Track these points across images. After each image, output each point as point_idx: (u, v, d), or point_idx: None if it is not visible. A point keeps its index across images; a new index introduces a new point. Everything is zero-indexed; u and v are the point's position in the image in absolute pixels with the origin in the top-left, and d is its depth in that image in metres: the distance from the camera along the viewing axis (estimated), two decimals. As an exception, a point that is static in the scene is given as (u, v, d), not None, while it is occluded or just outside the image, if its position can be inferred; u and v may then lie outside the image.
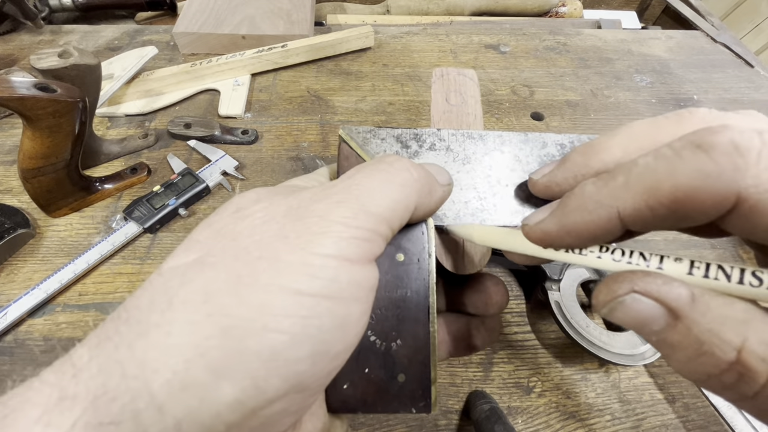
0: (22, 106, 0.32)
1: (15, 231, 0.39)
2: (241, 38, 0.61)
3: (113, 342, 0.10)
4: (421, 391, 0.15)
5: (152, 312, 0.10)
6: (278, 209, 0.12)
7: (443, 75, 0.24)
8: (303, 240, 0.11)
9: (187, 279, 0.11)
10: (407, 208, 0.14)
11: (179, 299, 0.11)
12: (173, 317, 0.10)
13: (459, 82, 0.23)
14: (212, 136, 0.50)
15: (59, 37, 0.64)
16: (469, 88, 0.23)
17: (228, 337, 0.10)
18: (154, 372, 0.10)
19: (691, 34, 0.73)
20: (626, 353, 0.32)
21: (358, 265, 0.12)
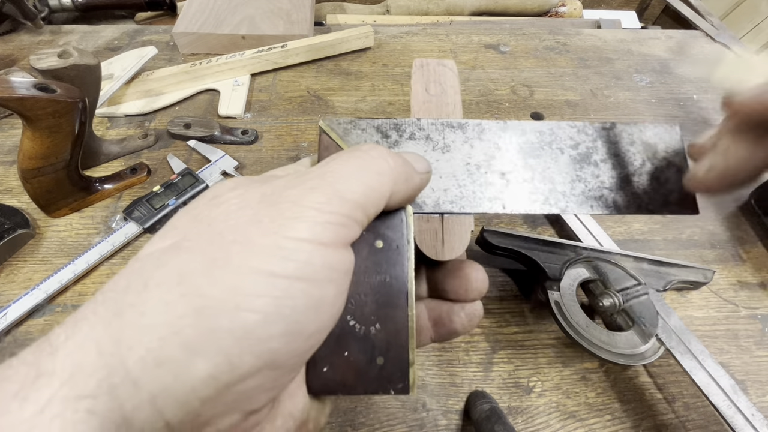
0: (21, 106, 0.32)
1: (15, 231, 0.39)
2: (241, 38, 0.61)
3: (90, 322, 0.10)
4: (399, 373, 0.15)
5: (128, 293, 0.11)
6: (253, 196, 0.12)
7: (423, 66, 0.24)
8: (276, 224, 0.11)
9: (162, 262, 0.11)
10: (382, 194, 0.14)
11: (154, 281, 0.11)
12: (148, 297, 0.11)
13: (438, 73, 0.23)
14: (212, 136, 0.50)
15: (59, 38, 0.64)
16: (449, 78, 0.23)
17: (201, 316, 0.10)
18: (129, 349, 0.10)
19: (691, 33, 0.73)
20: (626, 353, 0.32)
21: (332, 249, 0.12)
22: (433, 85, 0.23)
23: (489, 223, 0.44)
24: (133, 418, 0.10)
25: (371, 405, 0.33)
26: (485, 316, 0.38)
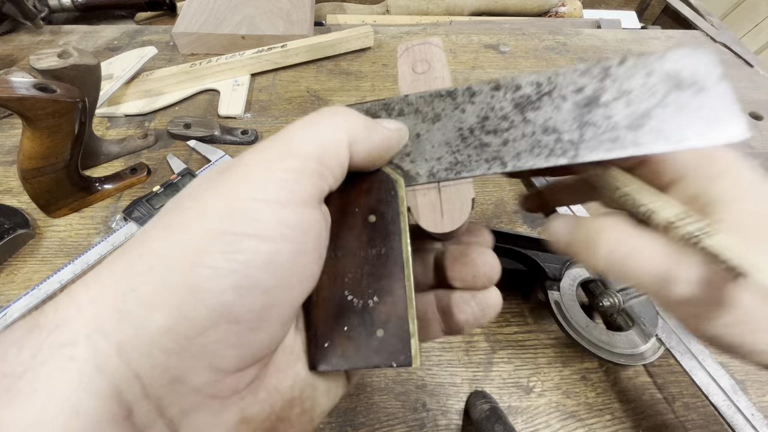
0: (21, 106, 0.32)
1: (15, 231, 0.39)
2: (241, 38, 0.61)
3: (76, 288, 0.12)
4: (400, 345, 0.15)
5: (107, 263, 0.12)
6: (214, 171, 0.13)
7: (408, 48, 0.24)
8: (228, 188, 0.12)
9: (134, 238, 0.13)
10: (338, 143, 0.14)
11: (122, 250, 0.12)
12: (117, 262, 0.12)
13: (424, 51, 0.23)
14: (212, 136, 0.50)
15: (59, 38, 0.64)
16: (435, 54, 0.23)
17: (155, 274, 0.11)
18: (101, 306, 0.11)
19: (691, 33, 0.73)
20: (626, 353, 0.32)
21: (286, 207, 0.12)
22: (420, 63, 0.22)
23: (489, 223, 0.44)
24: (104, 365, 0.11)
25: (371, 405, 0.33)
26: (485, 316, 0.38)
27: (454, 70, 0.62)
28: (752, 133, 0.55)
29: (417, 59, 0.23)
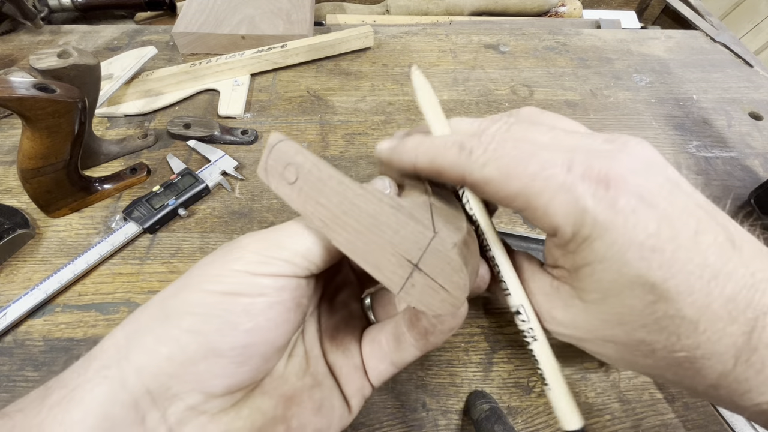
0: (21, 106, 0.32)
1: (14, 231, 0.39)
2: (241, 38, 0.61)
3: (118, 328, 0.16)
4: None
5: (137, 312, 0.17)
6: (221, 250, 0.17)
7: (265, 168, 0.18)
8: (223, 261, 0.17)
9: (159, 294, 0.17)
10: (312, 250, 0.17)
11: (149, 303, 0.17)
12: (143, 312, 0.16)
13: (278, 158, 0.18)
14: (212, 136, 0.50)
15: (58, 38, 0.64)
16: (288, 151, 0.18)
17: (164, 318, 0.16)
18: (128, 341, 0.16)
19: (691, 33, 0.73)
20: (626, 353, 0.32)
21: (266, 277, 0.16)
22: (287, 172, 0.18)
23: (489, 223, 0.44)
24: (126, 382, 0.15)
25: (371, 405, 0.33)
26: (485, 316, 0.38)
27: (454, 70, 0.62)
28: (752, 132, 0.56)
29: (279, 171, 0.18)
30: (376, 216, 0.15)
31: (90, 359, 0.15)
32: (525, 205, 0.17)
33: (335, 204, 0.16)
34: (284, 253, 0.17)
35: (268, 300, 0.16)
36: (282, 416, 0.17)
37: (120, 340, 0.16)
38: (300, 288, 0.17)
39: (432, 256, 0.14)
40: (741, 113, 0.58)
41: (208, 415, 0.15)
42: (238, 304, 0.15)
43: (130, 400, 0.14)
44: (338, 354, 0.20)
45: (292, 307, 0.17)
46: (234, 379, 0.16)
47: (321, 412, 0.18)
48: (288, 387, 0.18)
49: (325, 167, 0.16)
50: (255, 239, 0.17)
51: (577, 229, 0.16)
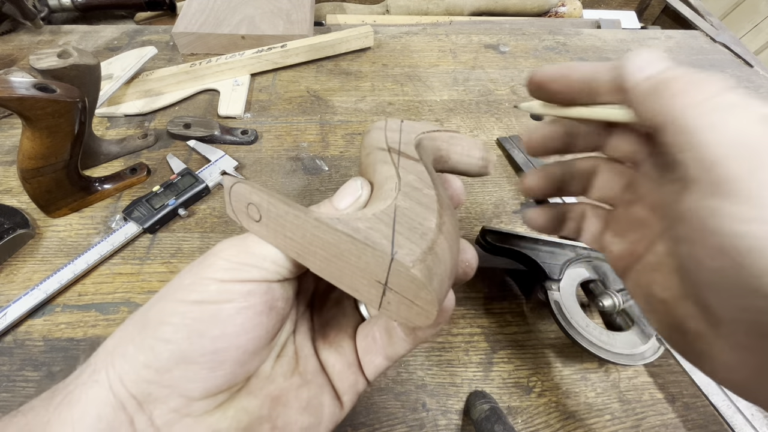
0: (21, 106, 0.32)
1: (14, 231, 0.39)
2: (241, 38, 0.61)
3: (110, 340, 0.17)
4: None
5: (126, 321, 0.18)
6: (200, 258, 0.18)
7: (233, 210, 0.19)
8: (198, 270, 0.17)
9: (146, 304, 0.18)
10: (280, 257, 0.18)
11: (135, 312, 0.18)
12: (129, 321, 0.17)
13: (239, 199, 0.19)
14: (212, 136, 0.50)
15: (58, 38, 0.64)
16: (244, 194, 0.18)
17: (142, 330, 0.16)
18: (113, 350, 0.17)
19: (691, 33, 0.73)
20: (626, 353, 0.32)
21: (234, 283, 0.16)
22: (250, 211, 0.18)
23: (489, 223, 0.44)
24: (113, 387, 0.16)
25: (371, 405, 0.33)
26: (485, 316, 0.38)
27: (454, 70, 0.62)
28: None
29: (244, 211, 0.18)
30: (335, 246, 0.15)
31: (87, 365, 0.17)
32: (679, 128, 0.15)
33: (299, 237, 0.16)
34: (253, 258, 0.17)
35: (235, 306, 0.16)
36: (267, 416, 0.17)
37: (109, 348, 0.17)
38: (272, 292, 0.17)
39: (396, 276, 0.14)
40: (741, 113, 0.58)
41: (193, 417, 0.16)
42: (206, 311, 0.16)
43: (118, 403, 0.15)
44: (330, 351, 0.20)
45: (264, 311, 0.17)
46: (209, 383, 0.16)
47: (308, 411, 0.18)
48: (274, 387, 0.18)
49: (281, 204, 0.17)
50: (227, 245, 0.18)
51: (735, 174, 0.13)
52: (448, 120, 0.55)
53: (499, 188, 0.48)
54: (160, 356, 0.16)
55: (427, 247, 0.15)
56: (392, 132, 0.22)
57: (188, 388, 0.16)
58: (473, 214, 0.45)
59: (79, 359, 0.34)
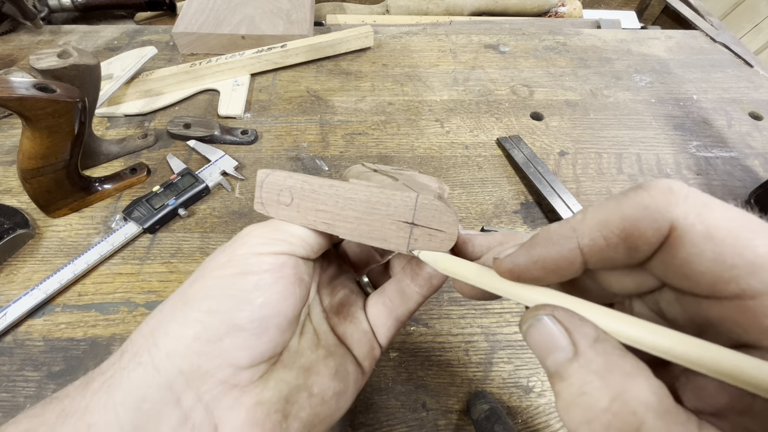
0: (21, 106, 0.32)
1: (14, 231, 0.39)
2: (241, 38, 0.61)
3: (144, 324, 0.18)
4: None
5: (160, 306, 0.18)
6: (231, 241, 0.19)
7: (262, 202, 0.21)
8: (231, 249, 0.18)
9: (179, 289, 0.19)
10: (309, 233, 0.19)
11: (167, 299, 0.18)
12: (167, 303, 0.18)
13: (270, 188, 0.20)
14: (212, 136, 0.50)
15: (58, 38, 0.64)
16: (279, 180, 0.20)
17: (185, 306, 0.17)
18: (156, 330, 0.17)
19: (691, 33, 0.73)
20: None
21: (268, 256, 0.18)
22: (281, 196, 0.20)
23: (489, 223, 0.44)
24: (159, 366, 0.16)
25: (371, 405, 0.33)
26: (485, 316, 0.38)
27: (454, 70, 0.62)
28: (752, 133, 0.56)
29: (275, 199, 0.20)
30: (368, 200, 0.18)
31: (121, 352, 0.17)
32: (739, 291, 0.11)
33: (332, 205, 0.19)
34: (283, 234, 0.19)
35: (273, 275, 0.18)
36: (304, 384, 0.19)
37: (146, 332, 0.17)
38: (299, 266, 0.19)
39: (421, 210, 0.18)
40: (741, 113, 0.58)
41: (239, 388, 0.17)
42: (249, 281, 0.17)
43: (165, 382, 0.16)
44: (346, 324, 0.22)
45: (296, 282, 0.18)
46: (256, 350, 0.17)
47: (337, 377, 0.20)
48: (304, 359, 0.19)
49: (314, 179, 0.19)
50: (256, 227, 0.19)
51: None
52: (448, 120, 0.55)
53: (499, 188, 0.48)
54: (210, 326, 0.16)
55: (437, 195, 0.19)
56: (369, 164, 0.27)
57: (237, 356, 0.17)
58: (473, 214, 0.45)
59: (82, 360, 0.34)
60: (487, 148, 0.52)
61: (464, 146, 0.52)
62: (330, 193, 0.19)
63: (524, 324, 0.14)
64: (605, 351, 0.12)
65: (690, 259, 0.12)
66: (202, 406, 0.16)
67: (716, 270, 0.11)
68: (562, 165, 0.50)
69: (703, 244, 0.11)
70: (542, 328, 0.13)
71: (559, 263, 0.14)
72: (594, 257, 0.13)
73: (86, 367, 0.34)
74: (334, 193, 0.19)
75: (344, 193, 0.19)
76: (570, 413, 0.11)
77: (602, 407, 0.11)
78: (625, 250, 0.13)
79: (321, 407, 0.19)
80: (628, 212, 0.12)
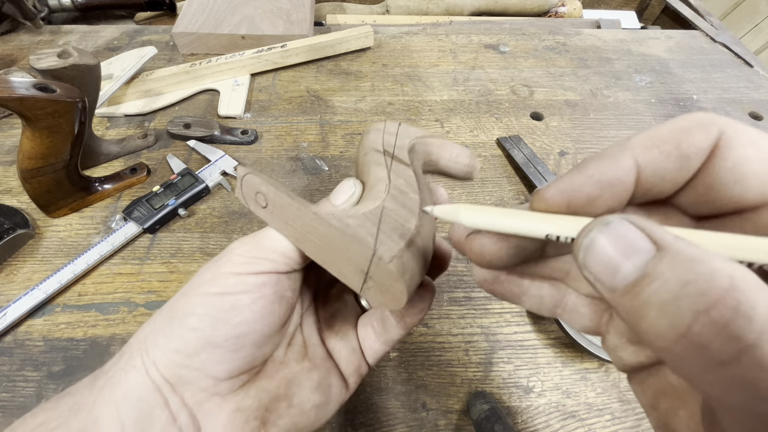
0: (21, 106, 0.32)
1: (14, 231, 0.39)
2: (241, 38, 0.61)
3: (141, 331, 0.19)
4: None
5: (155, 315, 0.19)
6: (218, 256, 0.20)
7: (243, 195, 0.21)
8: (216, 266, 0.19)
9: (170, 299, 0.20)
10: (289, 247, 0.19)
11: (162, 308, 0.19)
12: (157, 314, 0.19)
13: (248, 189, 0.21)
14: (212, 136, 0.50)
15: (58, 38, 0.64)
16: (253, 184, 0.20)
17: (169, 320, 0.18)
18: (145, 340, 0.18)
19: (691, 33, 0.73)
20: (626, 353, 0.32)
21: (248, 276, 0.18)
22: (258, 198, 0.20)
23: (489, 223, 0.44)
24: (149, 372, 0.17)
25: (371, 405, 0.33)
26: (485, 316, 0.38)
27: (454, 70, 0.62)
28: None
29: (252, 197, 0.21)
30: (328, 237, 0.18)
31: (121, 353, 0.19)
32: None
33: (299, 226, 0.19)
34: (264, 252, 0.19)
35: (251, 296, 0.18)
36: (284, 394, 0.20)
37: (141, 338, 0.19)
38: (281, 282, 0.19)
39: (376, 267, 0.17)
40: (741, 113, 0.58)
41: (220, 395, 0.18)
42: (226, 301, 0.18)
43: (154, 386, 0.17)
44: (336, 339, 0.23)
45: (275, 300, 0.19)
46: (233, 365, 0.18)
47: (319, 390, 0.20)
48: (288, 370, 0.20)
49: (285, 197, 0.19)
50: (242, 243, 0.20)
51: None
52: (448, 120, 0.55)
53: (499, 188, 0.48)
54: (189, 343, 0.18)
55: (405, 245, 0.17)
56: (389, 135, 0.24)
57: (215, 369, 0.18)
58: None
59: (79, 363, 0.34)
60: (487, 148, 0.52)
61: (464, 146, 0.52)
62: (297, 215, 0.18)
63: (585, 236, 0.11)
64: (692, 244, 0.10)
65: (739, 161, 0.12)
66: (187, 410, 0.18)
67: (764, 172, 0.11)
68: (562, 165, 0.50)
69: (750, 147, 0.12)
70: (613, 234, 0.11)
71: (614, 176, 0.13)
72: (647, 169, 0.13)
73: (86, 367, 0.34)
74: (301, 216, 0.18)
75: (309, 220, 0.18)
76: (671, 312, 0.09)
77: (724, 287, 0.09)
78: (677, 159, 0.12)
79: (300, 417, 0.20)
80: (679, 124, 0.12)
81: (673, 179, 0.13)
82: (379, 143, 0.23)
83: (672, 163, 0.13)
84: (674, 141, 0.12)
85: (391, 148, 0.23)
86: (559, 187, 0.13)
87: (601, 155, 0.13)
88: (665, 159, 0.13)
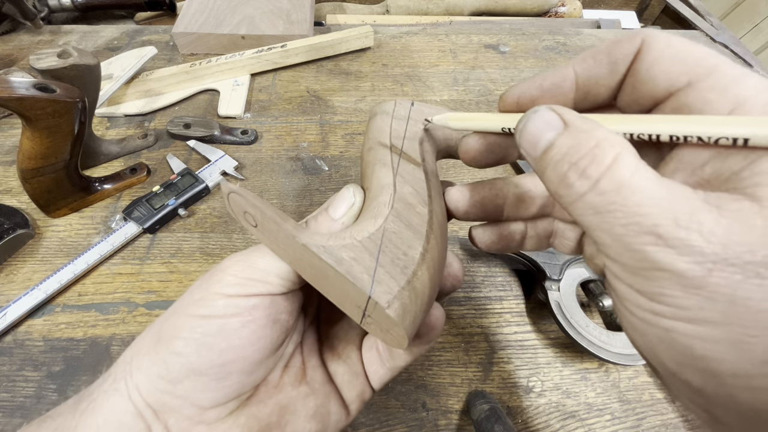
0: (21, 106, 0.32)
1: (14, 231, 0.39)
2: (241, 38, 0.61)
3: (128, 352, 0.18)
4: None
5: (143, 333, 0.19)
6: (208, 273, 0.18)
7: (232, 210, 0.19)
8: (206, 285, 0.18)
9: (159, 318, 0.19)
10: (283, 269, 0.18)
11: (151, 326, 0.19)
12: (145, 333, 0.18)
13: (236, 206, 0.19)
14: (212, 136, 0.50)
15: (58, 38, 0.64)
16: (239, 204, 0.18)
17: (156, 344, 0.17)
18: (131, 361, 0.18)
19: (691, 33, 0.73)
20: (626, 353, 0.32)
21: (237, 297, 0.17)
22: (247, 216, 0.18)
23: (489, 223, 0.44)
24: (131, 396, 0.17)
25: (371, 405, 0.33)
26: (485, 316, 0.38)
27: (454, 70, 0.62)
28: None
29: (242, 214, 0.19)
30: (320, 268, 0.16)
31: (108, 374, 0.18)
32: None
33: (291, 251, 0.17)
34: (258, 273, 0.18)
35: (240, 320, 0.17)
36: (277, 422, 0.18)
37: (127, 359, 0.18)
38: (275, 305, 0.18)
39: (373, 309, 0.15)
40: (741, 113, 0.58)
41: (206, 424, 0.17)
42: (214, 325, 0.17)
43: (136, 411, 0.16)
44: (339, 363, 0.21)
45: (268, 324, 0.17)
46: (218, 393, 0.17)
47: (315, 418, 0.19)
48: (283, 396, 0.19)
49: (272, 222, 0.17)
50: (234, 261, 0.18)
51: None
52: (448, 120, 0.55)
53: (499, 188, 0.48)
54: (172, 369, 0.17)
55: (406, 282, 0.15)
56: (399, 121, 0.22)
57: (199, 398, 0.17)
58: (473, 214, 0.45)
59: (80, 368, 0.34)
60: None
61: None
62: (287, 242, 0.17)
63: (521, 121, 0.14)
64: (587, 121, 0.13)
65: (654, 61, 0.14)
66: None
67: (672, 68, 0.14)
68: (562, 165, 0.50)
69: (664, 49, 0.14)
70: (538, 118, 0.14)
71: (553, 82, 0.16)
72: (583, 75, 0.16)
73: (86, 367, 0.34)
74: (290, 244, 0.16)
75: (299, 250, 0.16)
76: (557, 166, 0.13)
77: (590, 146, 0.12)
78: (607, 65, 0.15)
79: None
80: (611, 40, 0.15)
81: (606, 83, 0.16)
82: (386, 134, 0.21)
83: (603, 68, 0.15)
84: (606, 51, 0.15)
85: (399, 141, 0.21)
86: (512, 92, 0.17)
87: (548, 70, 0.17)
88: (597, 66, 0.15)
